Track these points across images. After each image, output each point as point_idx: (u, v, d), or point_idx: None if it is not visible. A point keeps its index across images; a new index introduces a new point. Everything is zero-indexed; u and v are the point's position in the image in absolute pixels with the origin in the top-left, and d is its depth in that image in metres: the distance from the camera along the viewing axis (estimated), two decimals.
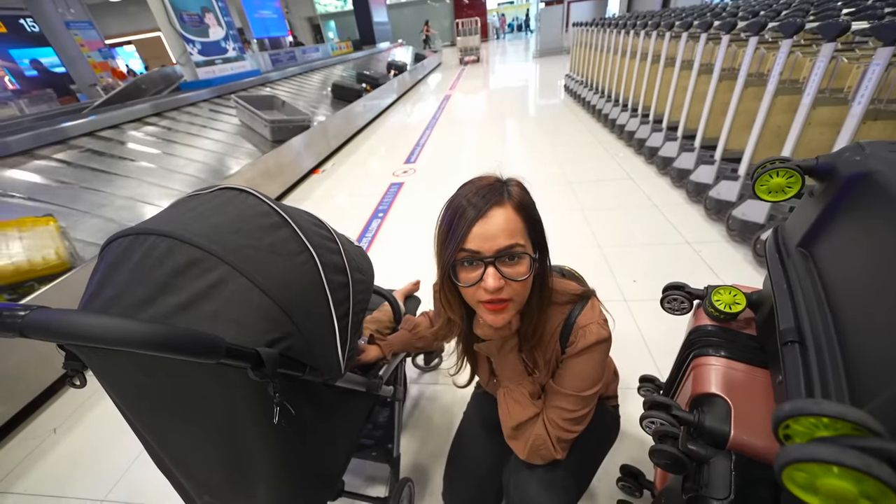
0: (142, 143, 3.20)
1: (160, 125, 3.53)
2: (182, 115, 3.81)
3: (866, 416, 0.23)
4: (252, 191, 0.67)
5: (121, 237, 0.58)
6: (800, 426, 0.25)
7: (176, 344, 0.41)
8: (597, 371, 0.70)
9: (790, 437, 0.26)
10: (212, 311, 0.52)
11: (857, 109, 1.44)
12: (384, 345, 0.99)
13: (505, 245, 0.57)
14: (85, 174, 2.62)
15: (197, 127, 3.71)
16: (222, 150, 3.47)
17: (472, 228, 0.56)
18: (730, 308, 0.65)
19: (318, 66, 7.10)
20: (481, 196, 0.57)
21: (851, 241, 0.42)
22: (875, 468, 0.21)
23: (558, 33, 10.98)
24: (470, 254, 0.58)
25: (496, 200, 0.57)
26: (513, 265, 0.58)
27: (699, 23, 2.57)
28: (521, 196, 0.60)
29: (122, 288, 0.53)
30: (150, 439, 0.64)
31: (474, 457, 0.95)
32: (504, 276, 0.58)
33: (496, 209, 0.57)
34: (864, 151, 0.45)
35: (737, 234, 2.09)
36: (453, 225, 0.58)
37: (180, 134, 3.50)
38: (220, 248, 0.55)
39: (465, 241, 0.57)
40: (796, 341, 0.41)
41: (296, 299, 0.58)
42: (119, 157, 2.92)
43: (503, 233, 0.56)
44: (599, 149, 3.76)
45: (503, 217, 0.57)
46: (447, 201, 0.63)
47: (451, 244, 0.58)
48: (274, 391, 0.53)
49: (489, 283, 0.57)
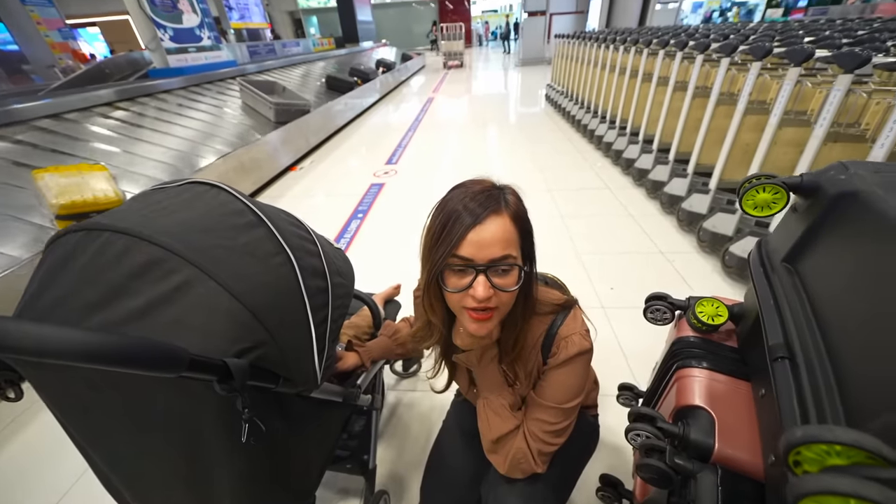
0: (103, 129, 3.00)
1: (126, 112, 3.32)
2: (151, 103, 3.61)
3: (881, 444, 0.22)
4: (225, 186, 0.62)
5: (69, 233, 0.52)
6: (810, 453, 0.24)
7: (128, 356, 0.36)
8: (579, 382, 0.69)
9: (799, 464, 0.25)
10: (174, 318, 0.47)
11: (820, 132, 1.52)
12: (363, 352, 0.95)
13: (499, 256, 0.55)
14: (34, 156, 2.42)
15: (169, 114, 3.52)
16: (194, 140, 3.31)
17: (468, 235, 0.54)
18: (712, 320, 0.66)
19: (298, 62, 6.93)
20: (479, 202, 0.55)
21: (839, 259, 0.42)
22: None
23: (540, 44, 11.22)
24: (462, 260, 0.55)
25: (494, 208, 0.55)
26: (503, 276, 0.57)
27: (675, 42, 2.68)
28: (518, 206, 0.59)
29: (67, 290, 0.48)
30: (97, 457, 0.57)
31: (454, 467, 0.92)
32: (494, 286, 0.56)
33: (493, 217, 0.55)
34: (849, 171, 0.46)
35: (707, 246, 2.17)
36: (447, 229, 0.55)
37: (148, 119, 3.31)
38: (186, 248, 0.50)
39: (458, 247, 0.55)
40: (786, 357, 0.41)
41: (270, 305, 0.54)
42: (77, 139, 2.72)
43: (498, 243, 0.55)
44: (578, 158, 3.85)
45: (500, 226, 0.55)
46: (439, 203, 0.60)
47: (444, 248, 0.56)
48: (243, 406, 0.49)
49: (479, 293, 0.55)
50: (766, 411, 0.52)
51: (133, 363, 0.36)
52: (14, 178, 2.20)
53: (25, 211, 2.03)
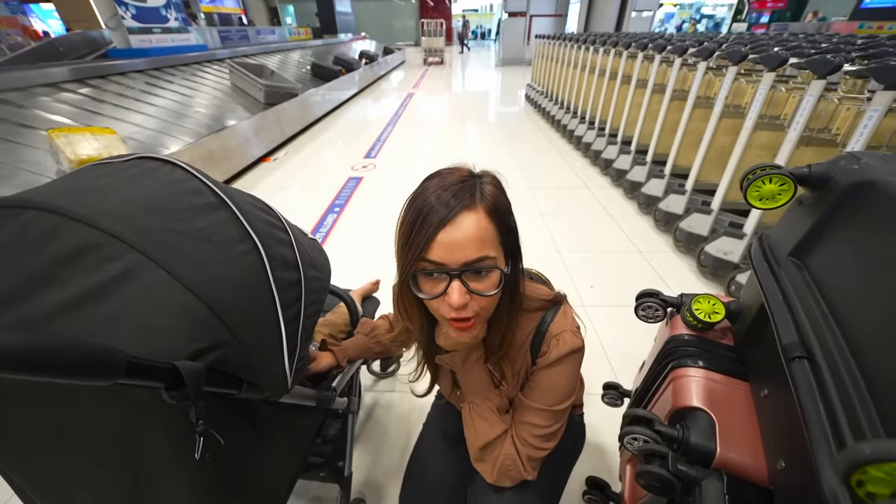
0: (55, 112, 2.75)
1: (80, 93, 3.06)
2: (109, 85, 3.34)
3: None
4: (179, 163, 0.54)
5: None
6: (879, 472, 0.21)
7: (45, 361, 0.28)
8: (570, 383, 0.65)
9: (863, 484, 0.22)
10: (111, 314, 0.39)
11: (793, 135, 1.57)
12: (338, 351, 0.88)
13: (473, 258, 0.48)
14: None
15: (129, 100, 3.27)
16: (157, 127, 3.09)
17: (437, 236, 0.47)
18: (709, 317, 0.63)
19: (273, 50, 6.67)
20: (451, 194, 0.48)
21: (858, 251, 0.40)
22: None
23: (520, 45, 11.31)
24: (433, 265, 0.49)
25: (466, 203, 0.48)
26: (481, 280, 0.50)
27: (654, 45, 2.72)
28: (495, 197, 0.51)
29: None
30: (19, 480, 0.48)
31: (435, 472, 0.87)
32: (471, 290, 0.50)
33: (465, 214, 0.48)
34: (861, 161, 0.44)
35: (683, 245, 2.22)
36: (415, 228, 0.48)
37: (106, 105, 3.06)
38: (130, 231, 0.42)
39: (427, 251, 0.48)
40: (804, 357, 0.38)
41: (232, 299, 0.47)
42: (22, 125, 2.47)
43: (471, 243, 0.48)
44: (558, 157, 3.87)
45: (473, 224, 0.48)
46: (411, 195, 0.53)
47: (413, 251, 0.49)
48: (196, 417, 0.41)
49: (454, 299, 0.49)
50: (771, 413, 0.50)
51: (52, 370, 0.28)
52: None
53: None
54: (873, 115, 1.28)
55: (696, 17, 17.70)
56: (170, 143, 2.92)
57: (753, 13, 14.35)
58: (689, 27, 16.44)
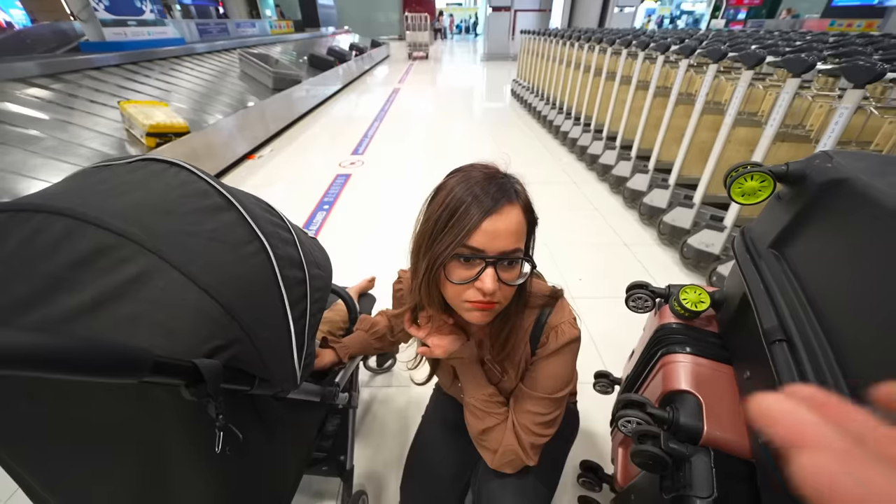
0: (22, 107, 2.64)
1: (52, 89, 2.94)
2: (84, 81, 3.22)
3: None
4: (185, 164, 0.55)
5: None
6: None
7: (79, 360, 0.30)
8: (568, 371, 0.69)
9: None
10: (130, 315, 0.40)
11: (770, 131, 1.64)
12: (340, 348, 0.89)
13: (510, 248, 0.52)
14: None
15: (105, 95, 3.15)
16: None
17: (482, 224, 0.50)
18: (696, 306, 0.67)
19: (253, 44, 6.50)
20: (491, 191, 0.51)
21: (831, 243, 0.44)
22: None
23: (505, 40, 11.32)
24: (472, 251, 0.52)
25: (509, 197, 0.52)
26: (509, 270, 0.55)
27: (637, 42, 2.78)
28: (527, 197, 0.56)
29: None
30: (33, 480, 0.49)
31: (436, 460, 0.89)
32: (500, 279, 0.53)
33: (508, 208, 0.52)
34: (833, 160, 0.48)
35: (666, 238, 2.29)
36: (457, 216, 0.51)
37: (81, 101, 2.95)
38: (143, 233, 0.43)
39: (470, 237, 0.51)
40: (784, 339, 0.42)
41: (244, 298, 0.48)
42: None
43: (511, 235, 0.52)
44: (545, 153, 3.92)
45: (514, 218, 0.52)
46: (441, 188, 0.55)
47: (451, 237, 0.51)
48: (217, 412, 0.43)
49: (487, 285, 0.52)
50: (752, 392, 0.54)
51: (85, 368, 0.29)
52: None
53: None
54: (844, 113, 1.35)
55: (677, 13, 18.04)
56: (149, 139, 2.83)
57: (731, 9, 14.71)
58: (645, 24, 16.69)
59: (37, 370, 0.28)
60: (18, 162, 2.18)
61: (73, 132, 2.61)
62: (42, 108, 2.70)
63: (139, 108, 2.80)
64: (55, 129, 2.56)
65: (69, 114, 2.78)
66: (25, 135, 2.40)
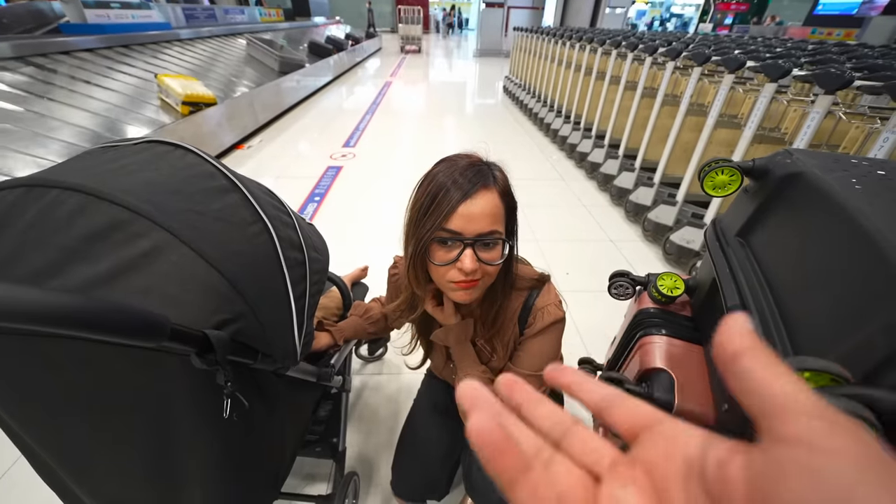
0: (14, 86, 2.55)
1: (26, 73, 2.84)
2: (61, 66, 3.12)
3: (841, 368, 0.27)
4: (191, 147, 0.57)
5: (4, 189, 0.44)
6: None
7: (106, 321, 0.32)
8: (554, 350, 0.74)
9: None
10: (143, 286, 0.42)
11: (748, 133, 1.71)
12: (335, 331, 0.92)
13: (486, 230, 0.56)
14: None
15: (81, 84, 3.06)
16: (118, 112, 2.93)
17: (458, 208, 0.54)
18: (671, 292, 0.73)
19: (242, 31, 6.37)
20: (469, 176, 0.56)
21: (785, 230, 0.49)
22: (861, 410, 0.24)
23: (498, 36, 11.33)
24: (450, 233, 0.56)
25: (484, 183, 0.56)
26: (489, 250, 0.58)
27: (626, 43, 2.84)
28: (505, 182, 0.60)
29: (8, 254, 0.41)
30: (40, 448, 0.51)
31: (426, 442, 0.93)
32: (480, 259, 0.57)
33: (483, 192, 0.56)
34: (793, 156, 0.53)
35: (651, 235, 2.37)
36: (436, 201, 0.55)
37: (58, 89, 2.86)
38: (155, 210, 0.45)
39: (448, 220, 0.55)
40: None
41: (249, 275, 0.51)
42: None
43: (487, 217, 0.56)
44: (535, 149, 3.98)
45: (489, 201, 0.56)
46: (426, 176, 0.60)
47: (432, 221, 0.56)
48: (225, 380, 0.46)
49: (466, 265, 0.56)
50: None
51: (111, 329, 0.32)
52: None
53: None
54: (815, 117, 1.43)
55: (666, 15, 18.31)
56: (133, 130, 2.78)
57: (718, 14, 15.01)
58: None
59: (67, 328, 0.30)
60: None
61: (48, 122, 2.53)
62: (15, 98, 2.61)
63: (175, 80, 3.28)
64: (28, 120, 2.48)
65: (45, 100, 2.69)
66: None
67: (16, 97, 2.57)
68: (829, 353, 0.33)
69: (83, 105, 2.79)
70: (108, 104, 2.93)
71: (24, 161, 2.13)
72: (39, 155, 2.21)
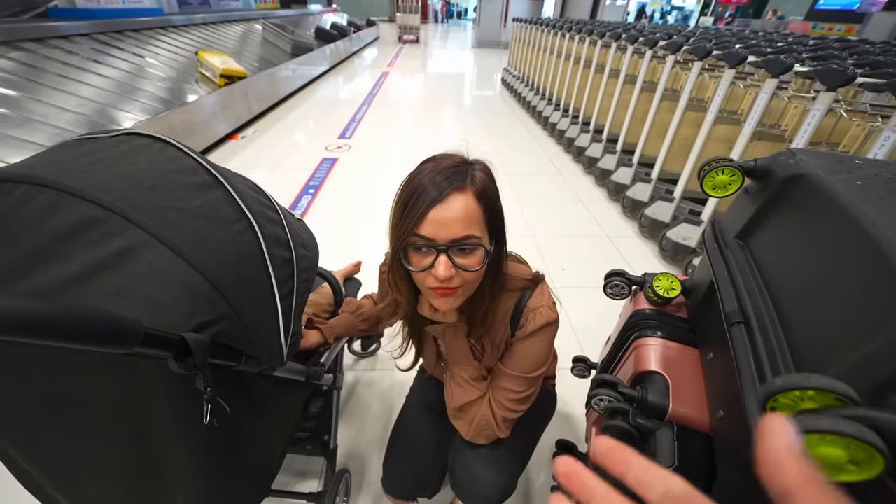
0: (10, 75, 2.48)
1: (13, 59, 2.76)
2: (50, 51, 3.04)
3: (849, 387, 0.25)
4: (171, 140, 0.54)
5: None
6: (787, 399, 0.27)
7: (72, 328, 0.30)
8: (545, 352, 0.72)
9: (775, 410, 0.28)
10: (116, 287, 0.40)
11: (748, 129, 1.69)
12: (325, 329, 0.90)
13: (460, 235, 0.54)
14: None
15: (74, 69, 2.98)
16: (109, 99, 2.86)
17: (428, 213, 0.52)
18: (668, 293, 0.71)
19: (237, 18, 6.24)
20: (444, 178, 0.53)
21: (787, 233, 0.47)
22: (868, 435, 0.22)
23: (497, 27, 11.17)
24: (423, 239, 0.54)
25: (458, 185, 0.53)
26: (466, 256, 0.56)
27: (626, 36, 2.80)
28: (485, 183, 0.57)
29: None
30: (17, 453, 0.49)
31: (417, 439, 0.93)
32: (456, 265, 0.55)
33: (456, 195, 0.53)
34: (796, 157, 0.51)
35: (647, 231, 2.36)
36: (409, 205, 0.53)
37: (48, 74, 2.79)
38: (130, 207, 0.43)
39: (419, 226, 0.53)
40: (742, 322, 0.45)
41: (232, 275, 0.48)
42: None
43: (460, 222, 0.53)
44: (533, 143, 3.94)
45: (462, 204, 0.53)
46: (407, 177, 0.57)
47: (405, 226, 0.54)
48: (205, 385, 0.44)
49: (440, 272, 0.54)
50: (714, 373, 0.58)
51: (77, 337, 0.30)
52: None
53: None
54: (816, 114, 1.41)
55: (667, 7, 18.15)
56: (123, 118, 2.72)
57: (719, 7, 14.88)
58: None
59: (30, 337, 0.28)
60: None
61: (38, 106, 2.47)
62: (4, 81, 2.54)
63: (214, 56, 3.85)
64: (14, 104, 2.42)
65: (35, 87, 2.62)
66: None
67: (5, 79, 2.50)
68: (832, 366, 0.32)
69: (78, 92, 2.73)
70: (103, 89, 2.86)
71: (13, 143, 2.08)
72: (26, 137, 2.17)
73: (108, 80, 3.08)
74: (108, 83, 3.04)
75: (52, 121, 2.39)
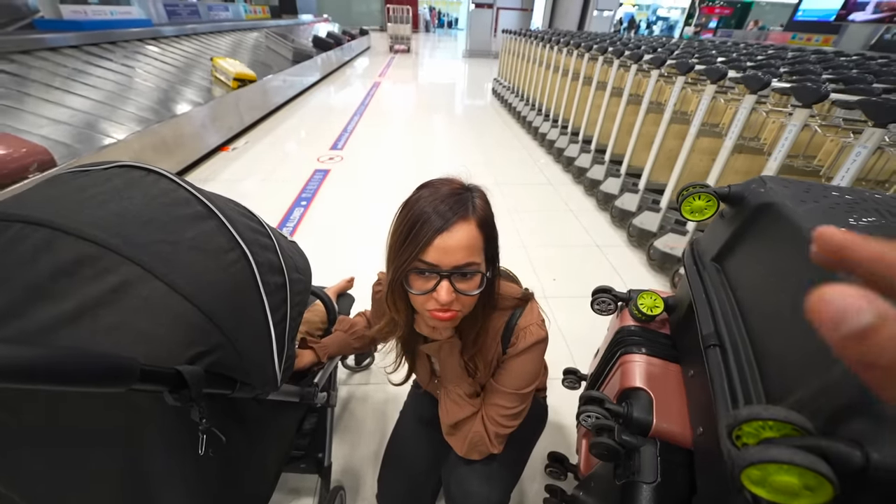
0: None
1: (11, 68, 2.75)
2: (36, 62, 3.02)
3: (804, 419, 0.28)
4: (165, 172, 0.56)
5: None
6: (750, 428, 0.29)
7: (67, 371, 0.31)
8: (535, 369, 0.74)
9: (740, 437, 0.30)
10: (112, 324, 0.41)
11: (729, 143, 1.75)
12: (319, 348, 0.91)
13: (463, 262, 0.56)
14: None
15: (60, 79, 2.97)
16: (97, 111, 2.85)
17: (434, 241, 0.54)
18: (651, 311, 0.74)
19: (227, 28, 6.25)
20: (448, 206, 0.55)
21: (757, 258, 0.50)
22: (819, 465, 0.25)
23: (487, 37, 11.35)
24: (427, 265, 0.56)
25: (461, 214, 0.56)
26: (466, 281, 0.58)
27: (613, 50, 2.88)
28: (485, 211, 0.60)
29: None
30: (6, 488, 0.49)
31: (411, 455, 0.94)
32: (457, 290, 0.58)
33: (460, 224, 0.55)
34: (766, 185, 0.54)
35: (635, 240, 2.41)
36: (413, 232, 0.55)
37: (35, 85, 2.77)
38: (125, 243, 0.44)
39: (424, 253, 0.55)
40: (717, 345, 0.48)
41: (226, 305, 0.50)
42: None
43: (463, 250, 0.56)
44: (524, 153, 4.00)
45: (466, 233, 0.56)
46: (406, 203, 0.59)
47: (409, 252, 0.56)
48: (200, 416, 0.45)
49: (442, 297, 0.56)
50: (695, 389, 0.60)
51: (74, 380, 0.31)
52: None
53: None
54: (792, 129, 1.47)
55: (653, 18, 18.62)
56: (113, 130, 2.71)
57: (703, 17, 15.31)
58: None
59: (25, 382, 0.29)
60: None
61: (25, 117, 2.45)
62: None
63: (227, 61, 4.27)
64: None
65: (22, 97, 2.60)
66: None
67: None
68: (798, 392, 0.34)
69: (66, 102, 2.71)
70: (93, 100, 2.84)
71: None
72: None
73: (100, 90, 3.06)
74: (101, 94, 3.03)
75: (43, 132, 2.37)
